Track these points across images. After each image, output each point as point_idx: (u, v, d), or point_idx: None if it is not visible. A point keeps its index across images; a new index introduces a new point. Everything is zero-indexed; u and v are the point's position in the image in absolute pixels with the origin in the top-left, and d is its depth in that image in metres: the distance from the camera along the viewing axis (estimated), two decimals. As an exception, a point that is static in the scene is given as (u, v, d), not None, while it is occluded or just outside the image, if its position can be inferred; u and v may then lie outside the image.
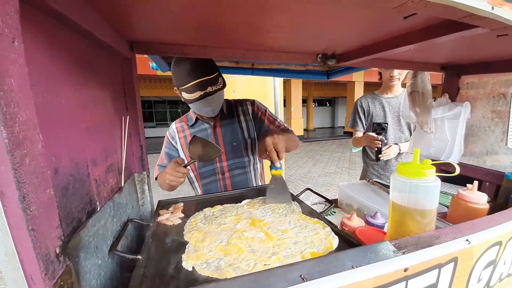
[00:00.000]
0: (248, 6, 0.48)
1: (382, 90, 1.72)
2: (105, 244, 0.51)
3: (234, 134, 1.14)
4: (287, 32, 0.66)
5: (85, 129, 0.47)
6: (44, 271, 0.27)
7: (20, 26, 0.25)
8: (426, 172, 0.57)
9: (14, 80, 0.24)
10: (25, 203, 0.25)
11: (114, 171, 0.62)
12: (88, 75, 0.51)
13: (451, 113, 1.10)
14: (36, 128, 0.28)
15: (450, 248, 0.50)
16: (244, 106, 1.18)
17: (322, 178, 5.36)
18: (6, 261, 0.24)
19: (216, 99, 0.99)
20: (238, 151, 1.13)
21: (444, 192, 1.06)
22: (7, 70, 0.23)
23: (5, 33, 0.23)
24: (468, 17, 0.40)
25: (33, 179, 0.27)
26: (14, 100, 0.24)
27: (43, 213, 0.28)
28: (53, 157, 0.36)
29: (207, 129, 1.13)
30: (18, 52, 0.25)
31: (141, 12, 0.52)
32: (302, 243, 0.60)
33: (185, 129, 1.15)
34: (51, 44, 0.38)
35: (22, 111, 0.26)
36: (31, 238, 0.25)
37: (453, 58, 1.00)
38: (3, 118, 0.23)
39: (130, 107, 0.75)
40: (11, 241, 0.24)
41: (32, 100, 0.27)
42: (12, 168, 0.24)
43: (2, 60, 0.23)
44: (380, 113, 1.67)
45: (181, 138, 1.14)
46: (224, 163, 1.13)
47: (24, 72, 0.26)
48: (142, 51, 0.76)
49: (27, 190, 0.25)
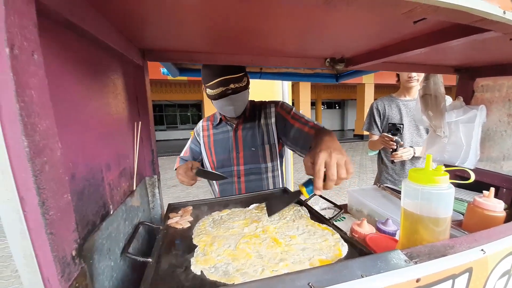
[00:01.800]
0: (254, 13, 0.49)
1: (400, 93, 1.68)
2: (118, 247, 0.53)
3: (254, 139, 1.12)
4: (294, 38, 0.67)
5: (99, 135, 0.49)
6: (60, 273, 0.28)
7: (38, 39, 0.27)
8: (439, 179, 0.55)
9: (35, 91, 0.26)
10: (44, 208, 0.26)
11: (127, 175, 0.64)
12: (102, 84, 0.53)
13: (466, 117, 1.06)
14: (55, 136, 0.30)
15: (465, 258, 0.48)
16: (268, 108, 1.13)
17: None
18: (24, 264, 0.25)
19: (239, 99, 1.00)
20: (256, 156, 1.12)
21: (459, 199, 1.02)
22: (27, 83, 0.25)
23: (24, 47, 0.25)
24: (480, 21, 0.40)
25: (52, 185, 0.28)
26: (35, 110, 0.26)
27: (61, 217, 0.29)
28: (70, 163, 0.38)
29: (228, 131, 1.15)
30: (37, 65, 0.27)
31: (153, 23, 0.54)
32: (310, 250, 0.59)
33: (210, 128, 1.18)
34: (68, 55, 0.40)
35: (43, 121, 0.27)
36: (49, 242, 0.27)
37: (466, 61, 0.97)
38: (24, 128, 0.24)
39: (142, 113, 0.77)
40: (30, 244, 0.25)
41: (51, 110, 0.29)
42: (32, 175, 0.25)
43: (22, 73, 0.24)
44: (396, 116, 1.62)
45: (204, 137, 1.17)
46: (241, 167, 1.13)
47: (44, 84, 0.28)
48: (154, 58, 0.79)
49: (46, 195, 0.27)
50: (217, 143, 1.15)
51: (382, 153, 1.74)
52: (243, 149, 1.12)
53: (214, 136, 1.15)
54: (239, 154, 1.12)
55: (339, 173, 0.58)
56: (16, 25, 0.24)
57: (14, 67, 0.24)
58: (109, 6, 0.45)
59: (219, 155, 1.14)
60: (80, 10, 0.39)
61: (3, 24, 0.22)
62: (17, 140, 0.24)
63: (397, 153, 1.49)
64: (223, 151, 1.13)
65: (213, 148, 1.15)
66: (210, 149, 1.16)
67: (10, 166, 0.24)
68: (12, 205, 0.25)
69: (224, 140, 1.14)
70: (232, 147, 1.12)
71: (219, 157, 1.14)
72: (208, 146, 1.16)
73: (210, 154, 1.16)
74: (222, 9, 0.47)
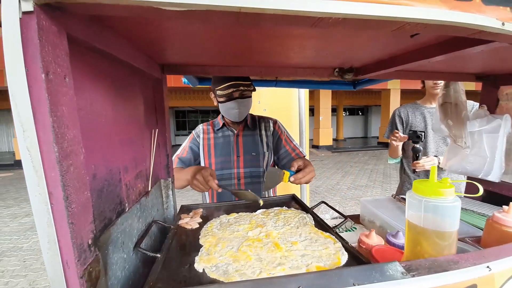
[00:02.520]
0: (260, 35, 0.54)
1: (425, 100, 1.60)
2: (131, 241, 0.59)
3: (254, 145, 1.23)
4: (299, 53, 0.70)
5: (119, 141, 0.56)
6: (77, 257, 0.33)
7: (70, 65, 0.33)
8: (444, 191, 0.54)
9: (65, 107, 0.32)
10: (68, 202, 0.32)
11: (143, 177, 0.71)
12: (123, 97, 0.60)
13: (489, 127, 1.00)
14: (80, 143, 0.36)
15: (468, 274, 0.46)
16: (267, 122, 1.29)
17: (352, 191, 5.09)
18: (48, 248, 0.31)
19: (245, 104, 1.13)
20: (256, 161, 1.22)
21: (481, 214, 0.96)
22: (59, 101, 0.31)
23: (58, 72, 0.31)
24: (478, 33, 0.40)
25: (75, 183, 0.34)
26: (65, 123, 0.32)
27: (81, 210, 0.35)
28: (92, 165, 0.45)
29: (230, 136, 1.23)
30: (68, 86, 0.33)
31: (173, 45, 0.61)
32: (309, 256, 0.60)
33: (210, 132, 1.25)
34: (95, 74, 0.47)
35: (70, 131, 0.34)
36: (70, 230, 0.32)
37: (488, 68, 0.92)
38: (55, 136, 0.30)
39: (159, 121, 0.85)
40: (54, 231, 0.31)
41: (78, 122, 0.35)
42: (60, 174, 0.31)
43: (56, 93, 0.31)
44: (419, 124, 1.54)
45: (204, 139, 1.25)
46: (241, 170, 1.21)
47: (73, 101, 0.34)
48: (172, 72, 0.87)
49: (70, 191, 0.33)
50: (217, 146, 1.23)
51: (404, 162, 1.65)
52: (244, 153, 1.21)
53: (214, 139, 1.24)
54: (239, 158, 1.21)
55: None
56: (50, 55, 0.31)
57: (49, 89, 0.30)
58: (134, 34, 0.52)
59: (219, 157, 1.22)
60: (106, 38, 0.46)
61: (38, 55, 0.29)
62: (49, 146, 0.30)
63: (419, 162, 1.41)
64: (223, 154, 1.22)
65: (213, 151, 1.23)
66: (210, 151, 1.23)
67: (43, 166, 0.30)
68: (42, 199, 0.31)
69: (225, 144, 1.23)
70: (233, 150, 1.22)
71: (219, 159, 1.22)
72: (208, 148, 1.23)
73: (208, 156, 1.23)
74: (231, 35, 0.52)
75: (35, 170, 0.30)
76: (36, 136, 0.30)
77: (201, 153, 1.24)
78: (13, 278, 2.40)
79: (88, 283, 0.36)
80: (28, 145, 0.30)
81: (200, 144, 1.25)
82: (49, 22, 0.31)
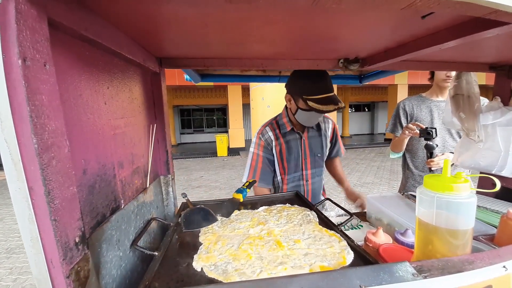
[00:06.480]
0: (257, 21, 0.50)
1: (431, 92, 1.51)
2: (127, 239, 0.57)
3: (319, 147, 1.27)
4: (301, 41, 0.66)
5: (113, 136, 0.54)
6: (62, 256, 0.31)
7: (50, 52, 0.31)
8: (458, 186, 0.50)
9: (45, 96, 0.30)
10: (50, 197, 0.30)
11: (140, 173, 0.69)
12: (118, 90, 0.58)
13: (504, 119, 0.95)
14: (64, 135, 0.34)
15: (483, 275, 0.43)
16: (327, 123, 1.32)
17: (358, 188, 5.01)
18: (31, 246, 0.29)
19: (323, 114, 1.12)
20: (320, 161, 1.29)
21: (495, 211, 0.91)
22: (38, 89, 0.29)
23: (36, 58, 0.29)
24: (494, 13, 0.36)
25: (58, 178, 0.32)
26: (45, 112, 0.30)
27: (66, 207, 0.33)
28: (82, 160, 0.43)
29: (297, 139, 1.23)
30: (49, 74, 0.31)
31: (167, 31, 0.58)
32: (313, 255, 0.57)
33: (280, 138, 1.22)
34: (84, 64, 0.45)
35: (52, 121, 0.31)
36: (53, 227, 0.30)
37: (502, 57, 0.87)
38: (33, 127, 0.28)
39: (158, 116, 0.83)
40: (36, 228, 0.29)
41: (61, 112, 0.33)
42: (40, 168, 0.29)
43: (34, 80, 0.28)
44: (426, 118, 1.46)
45: (276, 146, 1.22)
46: (309, 171, 1.25)
47: (55, 90, 0.32)
48: (170, 66, 0.84)
49: (52, 186, 0.31)
50: (288, 150, 1.22)
51: (407, 157, 1.58)
52: (310, 155, 1.25)
53: (285, 144, 1.22)
54: (306, 160, 1.24)
55: None
56: (28, 40, 0.28)
57: (26, 76, 0.28)
58: (128, 23, 0.50)
59: (291, 161, 1.22)
60: (95, 26, 0.44)
61: (15, 40, 0.26)
62: (28, 138, 0.28)
63: (433, 160, 1.34)
64: (294, 158, 1.23)
65: (285, 156, 1.23)
66: (282, 156, 1.23)
67: (21, 159, 0.28)
68: (22, 194, 0.29)
69: (294, 147, 1.23)
70: (301, 153, 1.23)
71: (291, 164, 1.22)
72: (280, 154, 1.22)
73: (281, 160, 1.23)
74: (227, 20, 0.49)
75: (14, 163, 0.28)
76: (13, 127, 0.28)
77: (275, 159, 1.23)
78: (21, 275, 2.45)
79: (75, 283, 0.34)
80: (6, 137, 0.28)
81: (273, 150, 1.23)
82: (28, 6, 0.29)
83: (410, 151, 1.57)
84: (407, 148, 1.58)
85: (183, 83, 9.11)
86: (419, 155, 1.54)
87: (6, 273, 2.47)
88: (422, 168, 1.50)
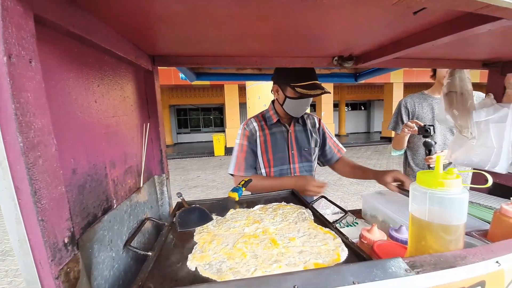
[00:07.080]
0: (251, 15, 0.50)
1: (434, 89, 1.51)
2: (120, 239, 0.56)
3: (306, 141, 1.25)
4: (294, 38, 0.66)
5: (104, 135, 0.53)
6: (51, 257, 0.31)
7: (36, 48, 0.30)
8: (450, 182, 0.50)
9: (31, 94, 0.29)
10: (36, 197, 0.29)
11: (133, 173, 0.68)
12: (109, 88, 0.57)
13: (496, 116, 0.96)
14: (51, 134, 0.33)
15: (476, 271, 0.43)
16: (312, 119, 1.31)
17: (355, 186, 5.05)
18: (19, 247, 0.29)
19: (310, 103, 1.13)
20: (308, 155, 1.26)
21: (488, 207, 0.92)
22: (23, 86, 0.28)
23: (22, 55, 0.28)
24: (486, 8, 0.36)
25: (45, 177, 0.31)
26: (30, 110, 0.29)
27: (54, 207, 0.32)
28: (72, 159, 0.42)
29: (284, 132, 1.23)
30: (35, 71, 0.30)
31: (162, 32, 0.58)
32: (307, 253, 0.57)
33: (265, 128, 1.22)
34: (73, 61, 0.44)
35: (38, 119, 0.31)
36: (40, 228, 0.30)
37: (495, 54, 0.88)
38: (18, 125, 0.27)
39: (151, 114, 0.82)
40: (23, 229, 0.29)
41: (48, 110, 0.33)
42: (26, 167, 0.28)
43: (19, 77, 0.28)
44: (427, 115, 1.47)
45: (260, 136, 1.21)
46: (297, 165, 1.23)
47: (41, 87, 0.31)
48: (163, 64, 0.83)
49: (39, 186, 0.30)
50: (273, 142, 1.21)
51: (408, 154, 1.59)
52: (297, 149, 1.23)
53: (270, 135, 1.21)
54: (293, 153, 1.23)
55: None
56: (14, 37, 0.28)
57: (11, 73, 0.27)
58: (119, 20, 0.49)
59: (277, 153, 1.21)
60: (84, 23, 0.43)
61: (1, 36, 0.26)
62: (13, 136, 0.28)
63: (432, 157, 1.35)
64: (280, 150, 1.21)
65: (270, 147, 1.21)
66: (267, 147, 1.21)
67: (7, 158, 0.28)
68: (8, 193, 0.28)
69: (280, 140, 1.22)
70: (288, 146, 1.22)
71: (277, 156, 1.21)
72: (265, 145, 1.21)
73: (266, 152, 1.21)
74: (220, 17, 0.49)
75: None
76: (-3, 125, 0.27)
77: (258, 150, 1.21)
78: (17, 277, 2.42)
79: (65, 284, 0.33)
80: (-10, 136, 0.27)
81: (257, 141, 1.22)
82: (15, 3, 0.29)
83: (411, 149, 1.58)
84: (408, 145, 1.60)
85: (179, 83, 9.06)
86: (419, 153, 1.55)
87: (2, 276, 2.44)
88: (423, 165, 1.52)
